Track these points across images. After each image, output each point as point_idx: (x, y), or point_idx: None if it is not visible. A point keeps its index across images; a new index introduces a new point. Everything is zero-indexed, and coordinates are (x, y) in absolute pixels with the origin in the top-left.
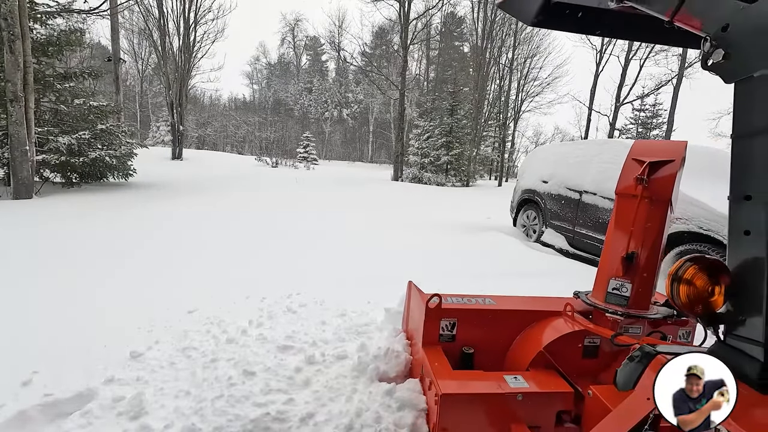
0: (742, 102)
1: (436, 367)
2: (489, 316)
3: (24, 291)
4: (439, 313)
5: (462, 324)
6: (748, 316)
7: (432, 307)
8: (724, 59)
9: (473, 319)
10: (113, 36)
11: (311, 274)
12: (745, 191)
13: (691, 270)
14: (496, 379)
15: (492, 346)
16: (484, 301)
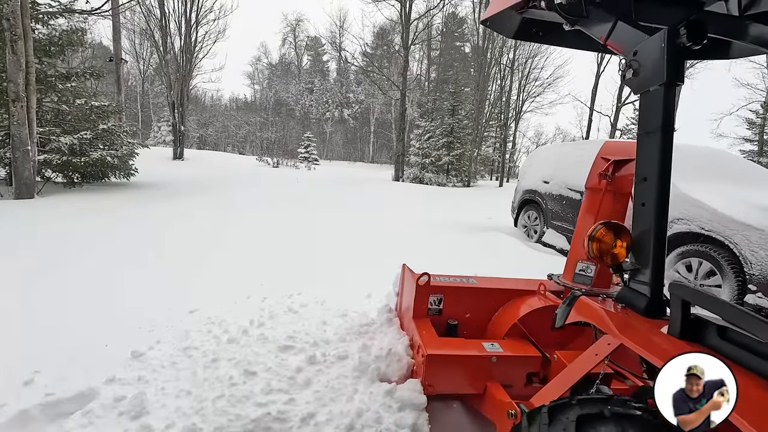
0: (643, 109)
1: (424, 334)
2: (472, 293)
3: (25, 291)
4: (428, 289)
5: (448, 299)
6: (642, 265)
7: (422, 285)
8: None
9: (458, 295)
10: (115, 36)
11: (311, 274)
12: (643, 174)
13: (601, 230)
14: (474, 345)
15: (474, 320)
16: (468, 280)
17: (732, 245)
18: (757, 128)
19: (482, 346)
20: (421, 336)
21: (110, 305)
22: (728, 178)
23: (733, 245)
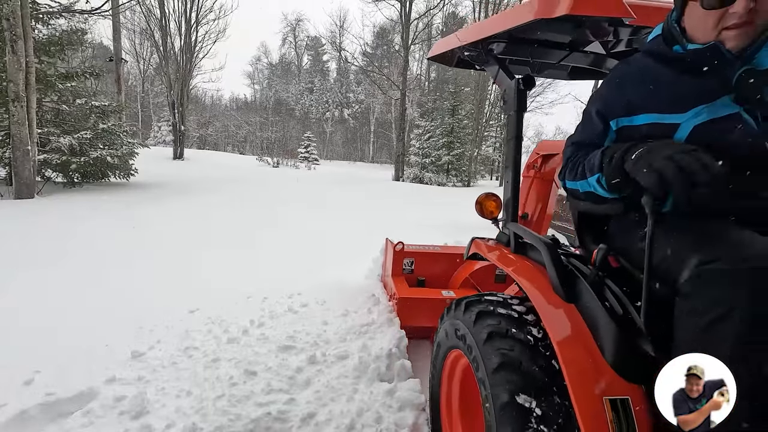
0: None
1: (398, 286)
2: (436, 257)
3: (25, 291)
4: (402, 254)
5: (418, 262)
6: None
7: (398, 251)
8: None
9: (425, 258)
10: (115, 36)
11: (312, 274)
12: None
13: (482, 197)
14: (435, 293)
15: (438, 277)
16: (434, 247)
17: None
18: None
19: (440, 293)
20: (396, 287)
21: (110, 305)
22: None
23: None
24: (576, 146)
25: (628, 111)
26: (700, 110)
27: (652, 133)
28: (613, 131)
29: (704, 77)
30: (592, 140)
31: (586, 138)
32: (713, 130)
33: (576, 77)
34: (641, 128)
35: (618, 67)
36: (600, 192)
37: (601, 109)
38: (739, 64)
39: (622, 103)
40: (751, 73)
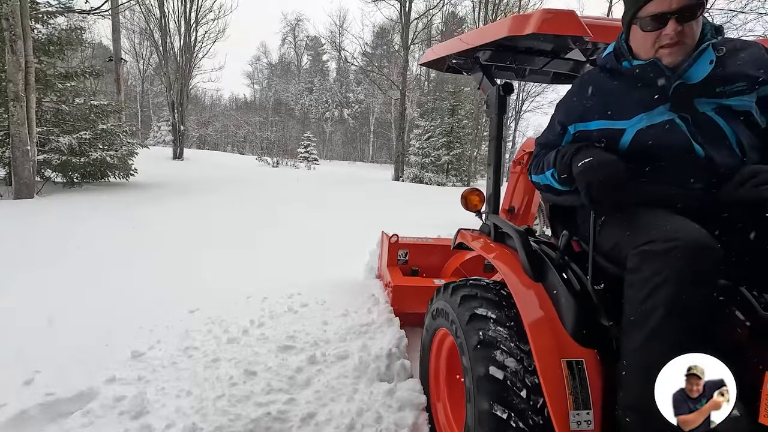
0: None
1: (393, 275)
2: (429, 248)
3: (25, 291)
4: (397, 246)
5: (411, 253)
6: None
7: (393, 242)
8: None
9: (419, 250)
10: (114, 36)
11: (312, 274)
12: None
13: (467, 191)
14: (427, 281)
15: (430, 267)
16: (427, 239)
17: None
18: None
19: (433, 281)
20: (391, 276)
21: (110, 305)
22: None
23: None
24: (541, 146)
25: (583, 118)
26: (642, 117)
27: (603, 136)
28: (571, 135)
29: (646, 89)
30: (553, 142)
31: (549, 140)
32: (651, 134)
33: (558, 81)
34: (594, 132)
35: (577, 80)
36: (554, 185)
37: (562, 117)
38: (675, 77)
39: (579, 111)
40: (683, 86)
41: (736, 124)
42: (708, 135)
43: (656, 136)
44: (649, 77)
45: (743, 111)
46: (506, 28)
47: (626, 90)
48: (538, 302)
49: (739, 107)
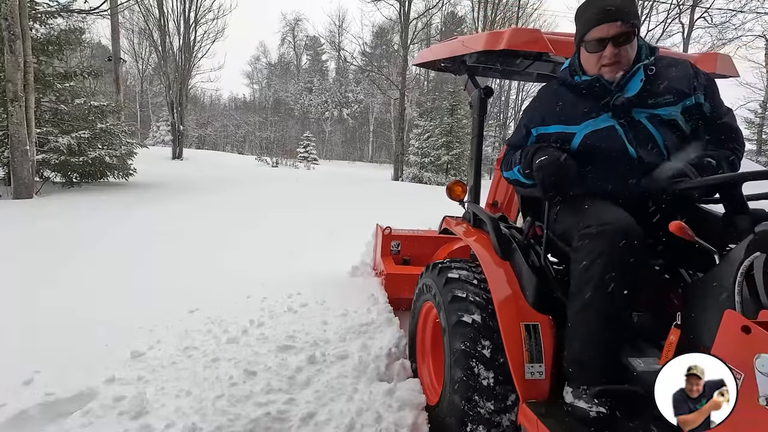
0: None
1: (386, 264)
2: (420, 240)
3: (25, 291)
4: (390, 237)
5: (403, 244)
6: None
7: (386, 234)
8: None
9: (410, 241)
10: (113, 36)
11: (312, 274)
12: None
13: (452, 183)
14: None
15: (421, 256)
16: (418, 231)
17: None
18: (755, 127)
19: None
20: (384, 265)
21: (109, 305)
22: None
23: None
24: (510, 146)
25: (543, 122)
26: (588, 123)
27: (558, 138)
28: (533, 136)
29: (593, 100)
30: (520, 143)
31: (516, 141)
32: (595, 138)
33: (541, 80)
34: (552, 135)
35: (539, 91)
36: (521, 179)
37: (527, 121)
38: (615, 91)
39: (540, 117)
40: (622, 98)
41: (665, 130)
42: (641, 139)
43: (599, 139)
44: (595, 90)
45: (671, 119)
46: (483, 43)
47: (577, 100)
48: (505, 277)
49: (667, 116)
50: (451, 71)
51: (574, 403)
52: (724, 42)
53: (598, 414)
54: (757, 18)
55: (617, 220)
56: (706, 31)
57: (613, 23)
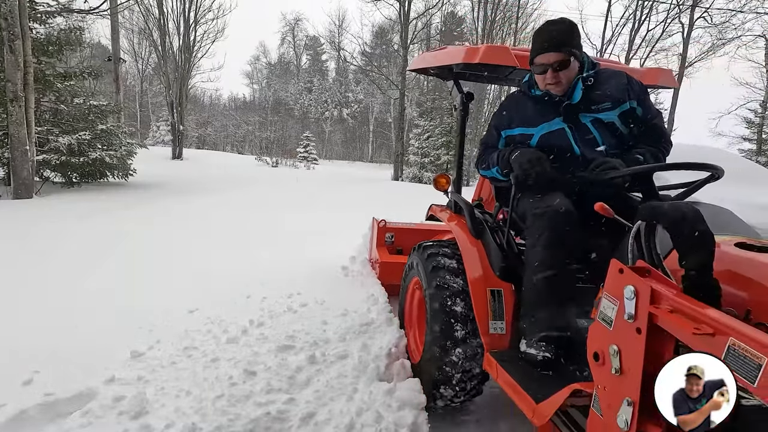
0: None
1: (381, 254)
2: (412, 231)
3: (25, 291)
4: (385, 230)
5: (397, 235)
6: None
7: (381, 226)
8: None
9: (403, 233)
10: (113, 36)
11: (312, 274)
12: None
13: (438, 175)
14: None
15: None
16: (410, 224)
17: None
18: (755, 127)
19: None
20: (379, 254)
21: (109, 305)
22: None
23: None
24: (484, 146)
25: (509, 125)
26: (543, 126)
27: (521, 139)
28: (503, 138)
29: (546, 107)
30: (492, 143)
31: (489, 142)
32: (548, 138)
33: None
34: (516, 136)
35: (505, 99)
36: (498, 176)
37: (496, 124)
38: (564, 100)
39: (507, 121)
40: (569, 106)
41: (604, 131)
42: (584, 139)
43: (551, 139)
44: (545, 101)
45: (610, 122)
46: (462, 56)
47: (535, 107)
48: (477, 252)
49: (606, 120)
50: (440, 77)
51: (526, 350)
52: (724, 42)
53: (544, 358)
54: (757, 18)
55: (558, 205)
56: (706, 31)
57: (552, 53)
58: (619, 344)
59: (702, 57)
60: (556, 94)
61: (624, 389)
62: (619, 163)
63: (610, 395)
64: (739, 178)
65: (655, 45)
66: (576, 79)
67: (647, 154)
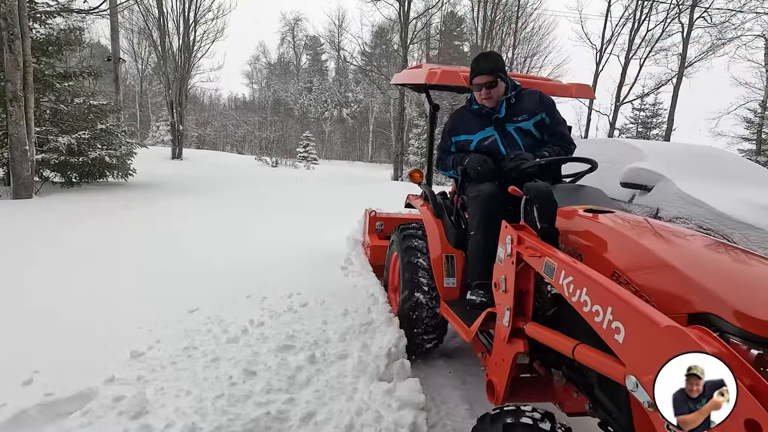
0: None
1: (371, 239)
2: (398, 220)
3: (24, 291)
4: (375, 219)
5: (386, 224)
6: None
7: (372, 216)
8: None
9: (391, 221)
10: (113, 35)
11: (312, 274)
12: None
13: (412, 170)
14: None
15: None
16: (397, 214)
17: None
18: (755, 127)
19: None
20: (370, 240)
21: (109, 305)
22: (726, 176)
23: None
24: (441, 150)
25: (456, 133)
26: (480, 133)
27: (464, 143)
28: (453, 143)
29: (482, 120)
30: (446, 148)
31: (444, 147)
32: (483, 142)
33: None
34: (461, 142)
35: (454, 112)
36: (454, 175)
37: (448, 132)
38: (494, 114)
39: (456, 129)
40: (497, 118)
41: (523, 136)
42: (509, 143)
43: (485, 143)
44: (482, 113)
45: (527, 129)
46: (423, 77)
47: (473, 119)
48: (437, 228)
49: (525, 128)
50: (415, 90)
51: (468, 297)
52: (724, 42)
53: (480, 301)
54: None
55: (486, 189)
56: (706, 31)
57: (485, 75)
58: (504, 273)
59: (702, 57)
60: (489, 108)
61: (506, 301)
62: (530, 156)
63: (500, 308)
64: (739, 179)
65: (655, 45)
66: (502, 98)
67: (551, 151)
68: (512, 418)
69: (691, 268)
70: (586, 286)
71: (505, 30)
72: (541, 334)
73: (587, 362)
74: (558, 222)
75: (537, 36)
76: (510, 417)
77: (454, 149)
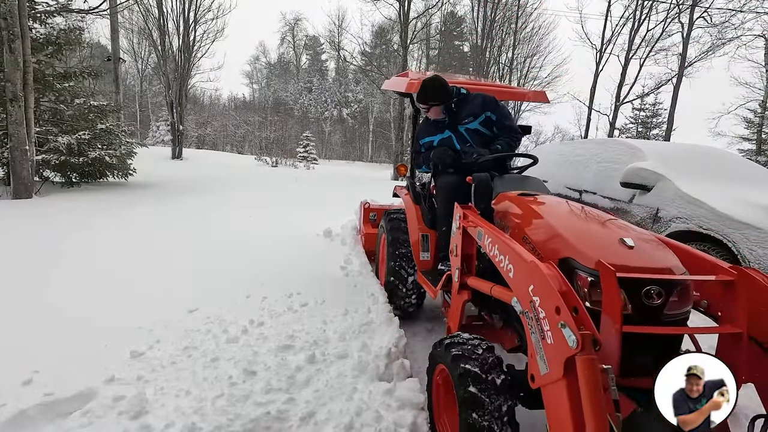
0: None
1: (365, 227)
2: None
3: (24, 291)
4: (369, 210)
5: (378, 214)
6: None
7: (366, 207)
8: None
9: (383, 211)
10: (113, 35)
11: (312, 274)
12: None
13: (398, 165)
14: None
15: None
16: (390, 206)
17: (730, 244)
18: (755, 127)
19: None
20: (364, 228)
21: (109, 305)
22: (727, 176)
23: (731, 244)
24: (415, 154)
25: (423, 136)
26: (439, 135)
27: (429, 143)
28: (422, 146)
29: (437, 124)
30: (418, 150)
31: (416, 149)
32: (442, 141)
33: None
34: (427, 143)
35: (421, 122)
36: (427, 170)
37: (418, 135)
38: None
39: (423, 133)
40: (447, 122)
41: (472, 135)
42: (461, 140)
43: (444, 142)
44: (440, 121)
45: (476, 129)
46: (404, 87)
47: (434, 124)
48: (415, 212)
49: (472, 127)
50: (401, 95)
51: (439, 267)
52: (724, 42)
53: (448, 269)
54: (757, 18)
55: (450, 179)
56: (706, 31)
57: (420, 103)
58: (456, 242)
59: (702, 57)
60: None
61: (456, 263)
62: (485, 151)
63: (453, 268)
64: (739, 178)
65: (655, 45)
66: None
67: (504, 145)
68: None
69: (564, 229)
70: (497, 243)
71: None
72: (476, 283)
73: (498, 296)
74: (495, 203)
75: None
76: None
77: (423, 150)
